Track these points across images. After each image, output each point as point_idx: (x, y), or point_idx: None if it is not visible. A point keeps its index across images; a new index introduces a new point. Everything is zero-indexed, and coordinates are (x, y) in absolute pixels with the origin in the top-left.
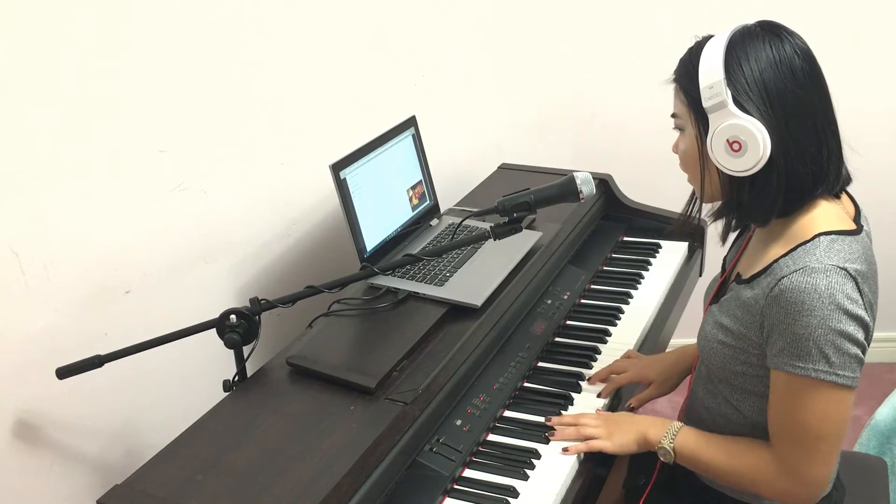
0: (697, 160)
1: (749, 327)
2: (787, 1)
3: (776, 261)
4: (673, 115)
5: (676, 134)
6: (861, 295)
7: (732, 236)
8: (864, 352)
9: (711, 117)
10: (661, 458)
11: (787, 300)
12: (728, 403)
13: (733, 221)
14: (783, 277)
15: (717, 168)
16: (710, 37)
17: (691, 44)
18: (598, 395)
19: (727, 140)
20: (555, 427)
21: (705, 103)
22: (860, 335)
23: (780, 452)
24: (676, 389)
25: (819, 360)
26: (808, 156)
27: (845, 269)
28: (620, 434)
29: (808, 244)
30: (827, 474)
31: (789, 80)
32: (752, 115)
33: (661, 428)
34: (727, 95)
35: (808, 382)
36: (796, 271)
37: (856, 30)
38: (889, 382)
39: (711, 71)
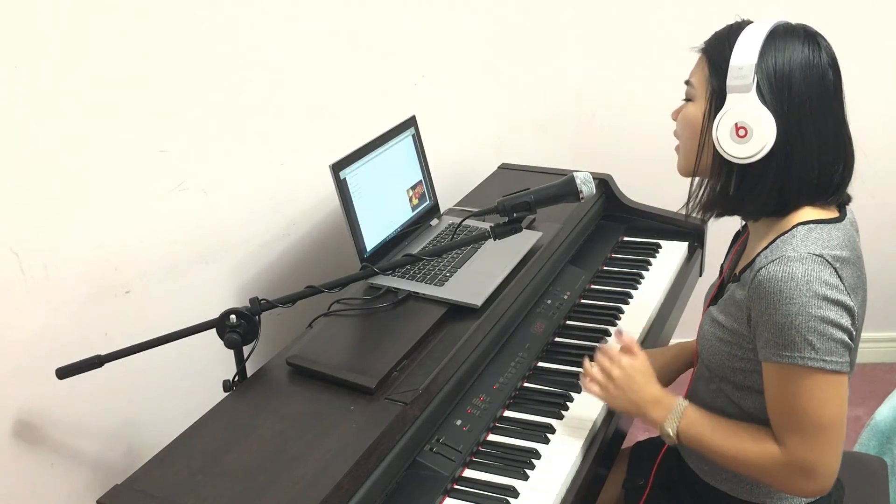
0: (698, 133)
1: (740, 322)
2: (788, 6)
3: (759, 254)
4: (687, 83)
5: (675, 125)
6: (841, 280)
7: (731, 232)
8: (850, 337)
9: (730, 97)
10: (663, 439)
11: (765, 290)
12: (731, 402)
13: (717, 210)
14: (761, 269)
15: (714, 147)
16: (751, 21)
17: (724, 24)
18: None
19: (735, 123)
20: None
21: (730, 81)
22: (844, 320)
23: (787, 446)
24: (675, 389)
25: (804, 347)
26: (817, 163)
27: (821, 256)
28: (622, 400)
29: (785, 234)
30: (835, 463)
31: (816, 86)
32: (767, 107)
33: (664, 409)
34: (753, 80)
35: (797, 371)
36: (773, 261)
37: (857, 32)
38: (889, 382)
39: (747, 52)
